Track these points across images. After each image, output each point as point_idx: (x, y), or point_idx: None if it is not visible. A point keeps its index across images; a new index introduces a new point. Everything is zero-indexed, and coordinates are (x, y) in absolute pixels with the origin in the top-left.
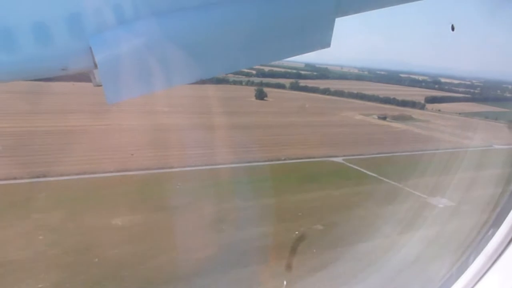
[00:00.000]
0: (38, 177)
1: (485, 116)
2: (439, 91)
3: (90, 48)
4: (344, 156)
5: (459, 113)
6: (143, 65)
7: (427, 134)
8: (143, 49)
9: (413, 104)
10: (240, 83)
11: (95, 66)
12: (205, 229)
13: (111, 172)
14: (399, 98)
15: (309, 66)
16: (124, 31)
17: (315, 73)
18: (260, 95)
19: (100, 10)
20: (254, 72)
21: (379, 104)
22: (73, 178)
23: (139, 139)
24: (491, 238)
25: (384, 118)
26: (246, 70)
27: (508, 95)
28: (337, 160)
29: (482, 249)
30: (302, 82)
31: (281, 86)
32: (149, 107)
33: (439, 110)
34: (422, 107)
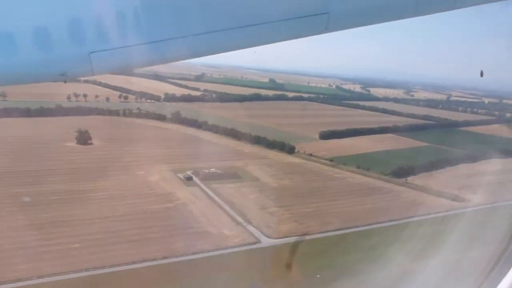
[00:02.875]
0: None
1: (357, 164)
2: (384, 114)
3: (89, 54)
4: None
5: (311, 155)
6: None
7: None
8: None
9: (282, 146)
10: (117, 113)
11: (93, 73)
12: None
13: None
14: (293, 130)
15: (271, 82)
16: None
17: (249, 95)
18: (82, 139)
19: (100, 18)
20: (162, 96)
21: (245, 144)
22: None
23: None
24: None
25: (190, 178)
26: (156, 94)
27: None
28: None
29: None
30: (217, 108)
31: (161, 118)
32: None
33: (310, 155)
34: (291, 150)
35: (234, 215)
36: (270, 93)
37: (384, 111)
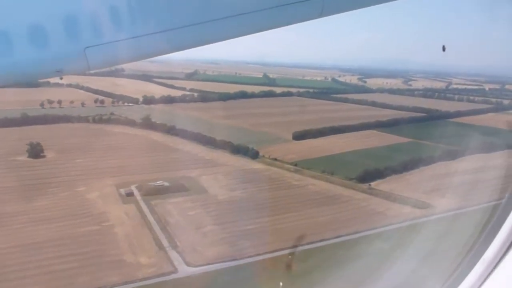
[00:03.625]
0: None
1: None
2: (373, 107)
3: (84, 50)
4: None
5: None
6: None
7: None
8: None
9: (246, 151)
10: (87, 120)
11: (89, 68)
12: None
13: None
14: (269, 131)
15: (265, 78)
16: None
17: (235, 93)
18: (34, 151)
19: (94, 12)
20: (140, 99)
21: (210, 150)
22: None
23: None
24: (489, 245)
25: (130, 194)
26: (134, 97)
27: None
28: None
29: (481, 256)
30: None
31: (131, 123)
32: None
33: (275, 159)
34: (255, 155)
35: (162, 238)
36: (259, 89)
37: (373, 104)
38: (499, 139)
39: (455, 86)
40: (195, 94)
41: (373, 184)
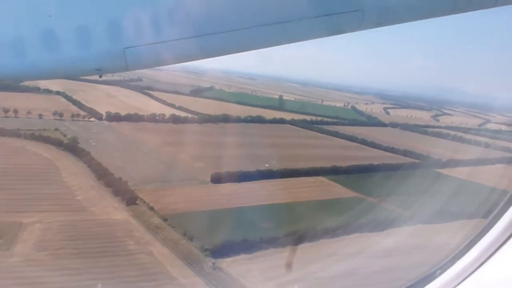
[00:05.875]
0: None
1: None
2: (362, 146)
3: (124, 50)
4: None
5: None
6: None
7: None
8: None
9: (124, 193)
10: (18, 135)
11: (128, 68)
12: None
13: None
14: (200, 167)
15: (279, 100)
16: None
17: (216, 116)
18: None
19: (135, 14)
20: (104, 115)
21: (97, 186)
22: None
23: None
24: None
25: None
26: (99, 112)
27: None
28: None
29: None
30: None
31: (58, 144)
32: None
33: (151, 209)
34: (132, 200)
35: None
36: (252, 112)
37: (363, 142)
38: (484, 203)
39: (489, 126)
40: (168, 115)
41: (225, 261)
